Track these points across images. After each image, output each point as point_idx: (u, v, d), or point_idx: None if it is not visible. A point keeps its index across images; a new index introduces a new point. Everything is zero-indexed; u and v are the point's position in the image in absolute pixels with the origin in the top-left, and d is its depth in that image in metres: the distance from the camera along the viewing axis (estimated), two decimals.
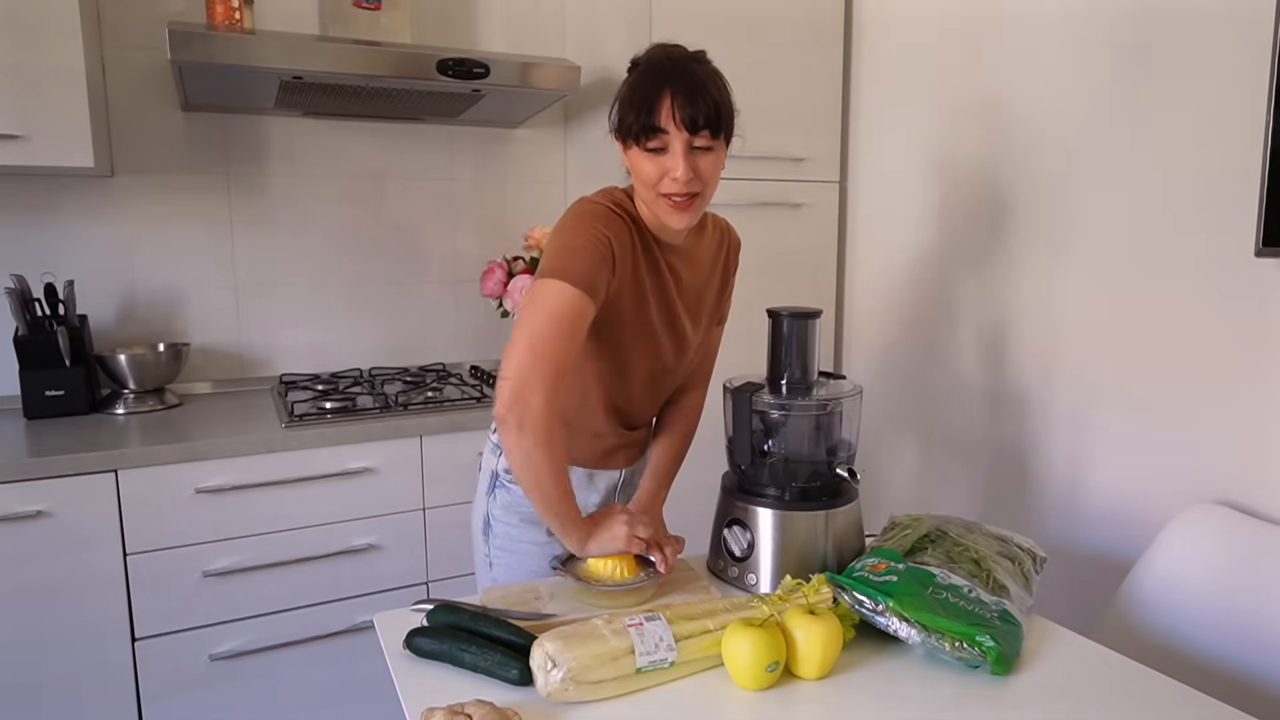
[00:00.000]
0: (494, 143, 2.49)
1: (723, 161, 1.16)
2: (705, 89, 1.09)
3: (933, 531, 1.23)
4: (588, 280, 1.09)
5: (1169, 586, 1.45)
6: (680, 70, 1.10)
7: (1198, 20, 1.58)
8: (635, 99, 1.10)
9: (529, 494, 1.14)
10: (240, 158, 2.21)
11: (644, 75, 1.12)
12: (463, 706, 0.87)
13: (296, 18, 2.20)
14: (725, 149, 1.16)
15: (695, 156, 1.11)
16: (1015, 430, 2.00)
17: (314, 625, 1.86)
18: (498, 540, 1.37)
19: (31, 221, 2.02)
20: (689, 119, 1.08)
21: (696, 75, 1.10)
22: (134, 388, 1.99)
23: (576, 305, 1.08)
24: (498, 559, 1.37)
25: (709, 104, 1.09)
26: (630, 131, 1.11)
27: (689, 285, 1.28)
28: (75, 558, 1.64)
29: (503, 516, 1.36)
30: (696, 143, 1.11)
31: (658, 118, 1.09)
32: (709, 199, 1.18)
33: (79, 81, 1.75)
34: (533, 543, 1.35)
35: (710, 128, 1.10)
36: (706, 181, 1.13)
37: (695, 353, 1.36)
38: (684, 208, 1.14)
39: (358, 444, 1.86)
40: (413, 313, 2.45)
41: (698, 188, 1.13)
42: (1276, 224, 1.41)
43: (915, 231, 2.25)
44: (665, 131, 1.09)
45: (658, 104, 1.08)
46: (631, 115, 1.10)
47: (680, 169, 1.09)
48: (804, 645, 0.98)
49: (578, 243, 1.11)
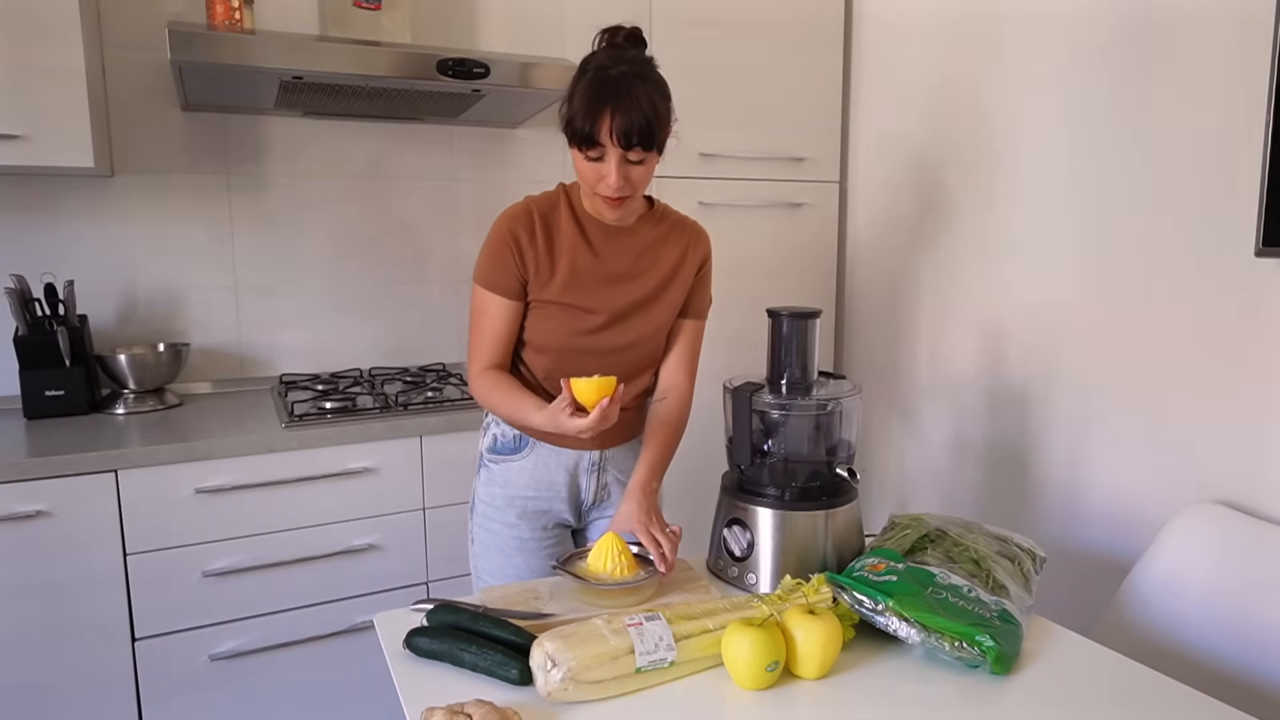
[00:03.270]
0: (494, 143, 2.49)
1: (654, 168, 1.31)
2: (641, 109, 1.21)
3: (932, 531, 1.23)
4: (486, 276, 1.35)
5: (1169, 586, 1.45)
6: (621, 90, 1.21)
7: (1198, 20, 1.58)
8: (579, 111, 1.23)
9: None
10: (240, 158, 2.21)
11: (589, 89, 1.22)
12: (463, 706, 0.87)
13: (296, 18, 2.20)
14: (658, 156, 1.30)
15: (628, 168, 1.25)
16: (1015, 430, 2.00)
17: (314, 625, 1.86)
18: (478, 518, 1.48)
19: (31, 221, 2.02)
20: (624, 138, 1.21)
21: (635, 95, 1.21)
22: (134, 388, 1.99)
23: (480, 299, 1.37)
24: (477, 535, 1.48)
25: (643, 124, 1.21)
26: (573, 138, 1.25)
27: (632, 268, 1.38)
28: (75, 558, 1.64)
29: (483, 494, 1.47)
30: (630, 157, 1.24)
31: (597, 134, 1.22)
32: (639, 198, 1.36)
33: (79, 81, 1.75)
34: (504, 523, 1.44)
35: (643, 144, 1.23)
36: (636, 186, 1.29)
37: (643, 333, 1.40)
38: (615, 206, 1.30)
39: (358, 444, 1.86)
40: (413, 312, 2.45)
41: (628, 192, 1.28)
42: (1276, 224, 1.41)
43: (915, 231, 2.25)
44: (603, 145, 1.23)
45: (598, 122, 1.21)
46: (573, 124, 1.24)
47: (613, 179, 1.24)
48: (804, 645, 0.98)
49: (485, 246, 1.36)
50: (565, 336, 1.37)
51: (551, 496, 1.44)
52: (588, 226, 1.37)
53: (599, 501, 1.48)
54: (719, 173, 2.22)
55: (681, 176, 2.14)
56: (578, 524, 1.51)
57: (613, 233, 1.38)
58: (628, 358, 1.42)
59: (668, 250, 1.41)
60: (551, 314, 1.37)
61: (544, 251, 1.34)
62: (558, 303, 1.36)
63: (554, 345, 1.38)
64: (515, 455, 1.44)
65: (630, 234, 1.39)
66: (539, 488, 1.43)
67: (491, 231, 1.36)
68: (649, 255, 1.40)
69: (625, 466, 1.47)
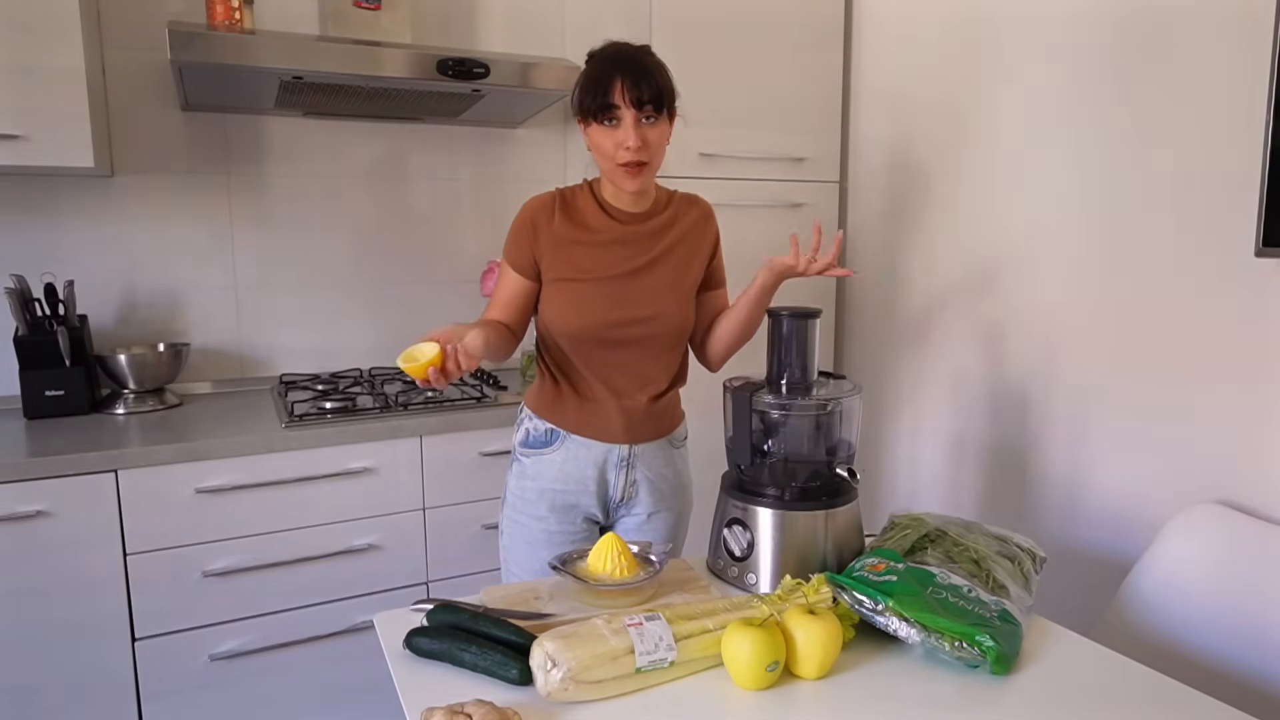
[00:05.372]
0: (494, 143, 2.49)
1: (667, 135, 1.38)
2: (650, 73, 1.32)
3: (932, 531, 1.23)
4: (506, 252, 1.46)
5: (1169, 586, 1.45)
6: (629, 58, 1.32)
7: (1198, 20, 1.58)
8: (592, 83, 1.32)
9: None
10: (240, 158, 2.21)
11: (599, 64, 1.34)
12: (463, 706, 0.87)
13: (296, 18, 2.20)
14: (669, 125, 1.38)
15: (644, 129, 1.33)
16: (1015, 430, 2.00)
17: (314, 625, 1.86)
18: (508, 510, 1.52)
19: (31, 221, 2.02)
20: (636, 98, 1.30)
21: (643, 62, 1.33)
22: (134, 388, 1.99)
23: (502, 274, 1.47)
24: (506, 528, 1.52)
25: (653, 85, 1.31)
26: (589, 111, 1.34)
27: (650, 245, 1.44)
28: (75, 558, 1.64)
29: (515, 487, 1.50)
30: (644, 117, 1.32)
31: (611, 97, 1.31)
32: (656, 168, 1.38)
33: (79, 81, 1.75)
34: (533, 516, 1.47)
35: (654, 104, 1.32)
36: (653, 151, 1.35)
37: (665, 307, 1.43)
38: (636, 173, 1.35)
39: (358, 444, 1.86)
40: (413, 312, 2.45)
41: (646, 156, 1.34)
42: (1276, 224, 1.41)
43: (915, 231, 2.25)
44: (618, 107, 1.31)
45: (611, 86, 1.31)
46: (589, 97, 1.33)
47: (632, 138, 1.31)
48: (804, 645, 0.98)
49: (511, 228, 1.46)
50: (590, 313, 1.41)
51: (580, 491, 1.45)
52: (609, 209, 1.44)
53: (627, 499, 1.48)
54: (719, 173, 2.22)
55: (682, 176, 2.14)
56: (606, 521, 1.51)
57: (631, 216, 1.44)
58: (653, 331, 1.43)
59: (680, 225, 1.47)
60: (573, 291, 1.41)
61: (562, 230, 1.42)
62: (577, 279, 1.41)
63: (580, 321, 1.41)
64: (546, 449, 1.46)
65: (646, 216, 1.45)
66: (568, 481, 1.45)
67: (517, 215, 1.46)
68: (665, 232, 1.45)
69: (654, 464, 1.48)
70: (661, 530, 1.51)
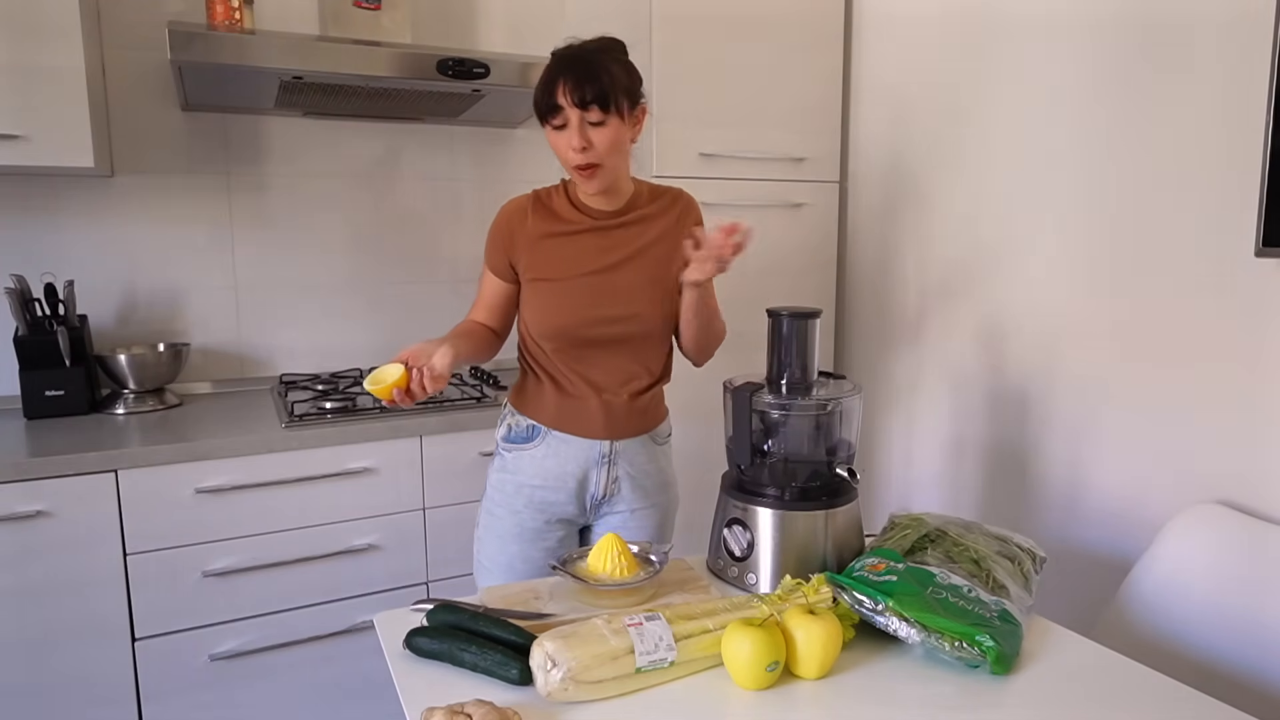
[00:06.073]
0: (494, 143, 2.49)
1: (623, 135, 1.33)
2: (593, 71, 1.27)
3: (932, 531, 1.23)
4: (488, 258, 1.47)
5: (1169, 586, 1.45)
6: (574, 58, 1.30)
7: (1197, 20, 1.58)
8: (540, 84, 1.31)
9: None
10: (240, 158, 2.21)
11: (550, 64, 1.32)
12: (463, 706, 0.87)
13: (296, 18, 2.20)
14: (623, 122, 1.32)
15: (589, 130, 1.29)
16: (1015, 430, 2.00)
17: (314, 625, 1.86)
18: (485, 503, 1.52)
19: (31, 221, 2.02)
20: (579, 98, 1.27)
21: (589, 61, 1.29)
22: (134, 388, 1.99)
23: (483, 276, 1.49)
24: (481, 520, 1.53)
25: (597, 85, 1.27)
26: (539, 112, 1.32)
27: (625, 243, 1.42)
28: (75, 558, 1.64)
29: (494, 480, 1.51)
30: (589, 118, 1.29)
31: (555, 97, 1.29)
32: (612, 169, 1.35)
33: (79, 81, 1.75)
34: (509, 509, 1.47)
35: (599, 104, 1.28)
36: (601, 152, 1.31)
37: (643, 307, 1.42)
38: (588, 176, 1.33)
39: (358, 444, 1.86)
40: (413, 312, 2.45)
41: (594, 158, 1.31)
42: (1276, 224, 1.41)
43: (915, 231, 2.25)
44: (562, 109, 1.29)
45: (555, 87, 1.29)
46: (538, 101, 1.31)
47: (575, 140, 1.29)
48: (804, 645, 0.98)
49: (489, 231, 1.46)
50: (567, 312, 1.40)
51: (559, 488, 1.45)
52: (582, 207, 1.43)
53: (609, 496, 1.48)
54: (719, 173, 2.22)
55: (681, 176, 2.14)
56: (586, 520, 1.51)
57: (604, 214, 1.43)
58: (631, 330, 1.42)
59: (658, 222, 1.46)
60: (550, 291, 1.41)
61: (535, 227, 1.42)
62: (552, 279, 1.40)
63: (557, 322, 1.41)
64: (527, 444, 1.46)
65: (621, 213, 1.44)
66: (547, 478, 1.45)
67: (494, 219, 1.47)
68: (641, 228, 1.44)
69: (636, 460, 1.48)
70: (646, 527, 1.51)
